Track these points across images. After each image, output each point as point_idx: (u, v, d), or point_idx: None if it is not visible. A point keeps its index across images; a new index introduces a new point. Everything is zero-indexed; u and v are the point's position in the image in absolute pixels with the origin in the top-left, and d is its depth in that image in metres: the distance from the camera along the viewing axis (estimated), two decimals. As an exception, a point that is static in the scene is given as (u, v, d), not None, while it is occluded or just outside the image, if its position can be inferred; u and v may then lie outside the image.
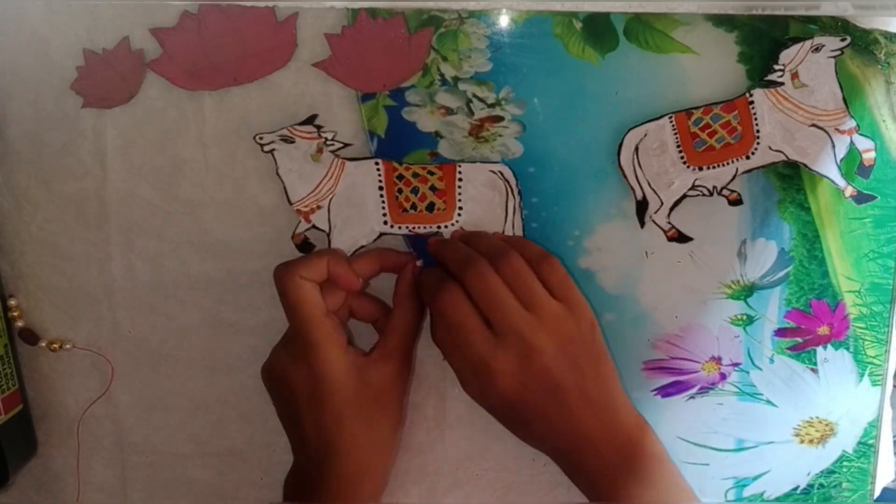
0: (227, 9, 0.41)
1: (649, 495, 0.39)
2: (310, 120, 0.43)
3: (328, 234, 0.44)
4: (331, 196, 0.43)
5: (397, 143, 0.43)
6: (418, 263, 0.43)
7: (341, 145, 0.43)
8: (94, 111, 0.43)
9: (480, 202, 0.44)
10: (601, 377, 0.40)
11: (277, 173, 0.43)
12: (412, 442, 0.46)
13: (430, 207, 0.44)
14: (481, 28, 0.42)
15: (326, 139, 0.43)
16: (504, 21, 0.42)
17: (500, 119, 0.43)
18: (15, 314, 0.45)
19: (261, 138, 0.43)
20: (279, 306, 0.43)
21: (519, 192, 0.43)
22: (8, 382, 0.44)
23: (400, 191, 0.44)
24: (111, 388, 0.46)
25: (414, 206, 0.44)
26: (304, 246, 0.44)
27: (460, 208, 0.44)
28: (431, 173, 0.43)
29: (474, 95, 0.43)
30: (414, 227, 0.44)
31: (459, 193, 0.43)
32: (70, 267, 0.45)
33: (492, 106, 0.43)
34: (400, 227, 0.44)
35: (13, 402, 0.45)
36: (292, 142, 0.43)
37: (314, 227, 0.44)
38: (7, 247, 0.45)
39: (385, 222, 0.44)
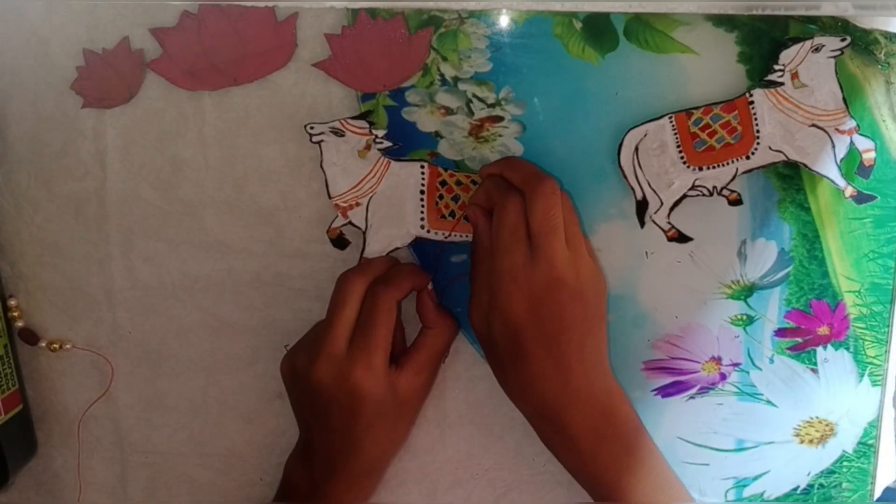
0: (227, 9, 0.41)
1: (630, 462, 0.40)
2: (364, 115, 0.42)
3: (364, 232, 0.43)
4: (371, 194, 0.43)
5: (397, 142, 0.43)
6: (430, 288, 0.43)
7: (390, 144, 0.43)
8: (94, 111, 0.43)
9: None
10: (598, 338, 0.41)
11: (321, 165, 0.43)
12: (412, 442, 0.46)
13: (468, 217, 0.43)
14: (481, 28, 0.42)
15: (376, 136, 0.43)
16: (504, 21, 0.42)
17: (500, 119, 0.43)
18: (15, 314, 0.45)
19: (311, 128, 0.42)
20: (279, 306, 0.43)
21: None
22: (8, 382, 0.44)
23: (441, 196, 0.43)
24: (111, 389, 0.46)
25: (452, 214, 0.43)
26: (339, 241, 0.44)
27: None
28: (475, 183, 0.43)
29: (474, 95, 0.43)
30: (449, 235, 0.44)
31: None
32: (70, 267, 0.45)
33: (492, 106, 0.43)
34: (436, 233, 0.44)
35: (13, 402, 0.45)
36: (342, 135, 0.42)
37: (350, 223, 0.43)
38: (7, 247, 0.45)
39: (422, 227, 0.44)
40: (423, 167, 0.43)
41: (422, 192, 0.43)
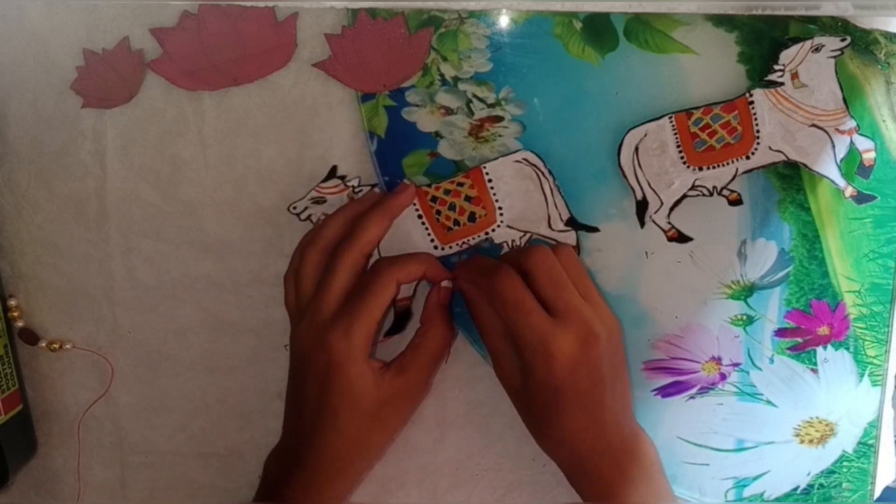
0: (227, 9, 0.41)
1: (652, 498, 0.40)
2: (331, 174, 0.43)
3: None
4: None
5: (397, 143, 0.43)
6: (445, 284, 0.43)
7: (369, 188, 0.43)
8: (94, 111, 0.43)
9: (517, 195, 0.43)
10: (623, 383, 0.42)
11: None
12: (412, 442, 0.46)
13: (472, 217, 0.43)
14: (481, 28, 0.42)
15: (353, 188, 0.43)
16: (504, 21, 0.42)
17: (500, 119, 0.43)
18: (15, 314, 0.45)
19: (294, 208, 0.43)
20: (279, 306, 0.43)
21: (550, 172, 0.43)
22: (8, 382, 0.44)
23: (438, 212, 0.43)
24: (111, 389, 0.46)
25: (457, 222, 0.43)
26: None
27: (500, 208, 0.43)
28: (461, 184, 0.43)
29: (474, 95, 0.43)
30: (464, 242, 0.44)
31: (494, 194, 0.43)
32: (70, 267, 0.45)
33: (492, 106, 0.43)
34: (451, 247, 0.44)
35: (13, 402, 0.45)
36: (324, 201, 0.43)
37: None
38: (7, 247, 0.45)
39: (435, 247, 0.43)
40: None
41: (419, 216, 0.43)
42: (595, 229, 0.44)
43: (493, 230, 0.44)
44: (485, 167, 0.43)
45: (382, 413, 0.40)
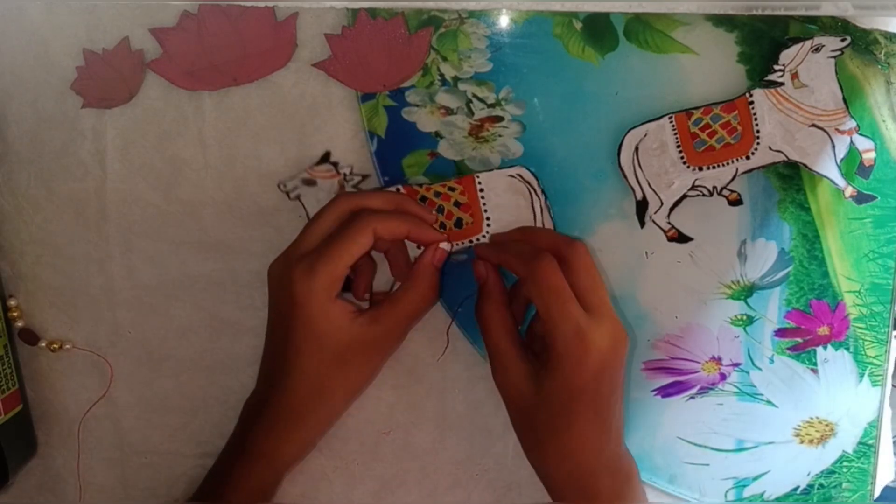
0: (227, 9, 0.41)
1: None
2: (325, 158, 0.43)
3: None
4: None
5: (397, 143, 0.43)
6: (444, 246, 0.42)
7: (360, 178, 0.43)
8: (94, 111, 0.43)
9: (507, 209, 0.43)
10: (621, 401, 0.41)
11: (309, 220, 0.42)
12: (412, 442, 0.47)
13: (459, 223, 0.43)
14: (481, 28, 0.42)
15: (345, 175, 0.43)
16: (504, 21, 0.42)
17: (500, 119, 0.43)
18: (15, 314, 0.45)
19: (284, 185, 0.43)
20: (279, 306, 0.43)
21: (542, 192, 0.43)
22: (8, 382, 0.44)
23: None
24: (111, 389, 0.46)
25: (443, 226, 0.43)
26: (348, 283, 0.44)
27: (488, 219, 0.43)
28: (452, 189, 0.43)
29: (474, 95, 0.43)
30: (452, 247, 0.43)
31: (484, 204, 0.43)
32: (70, 267, 0.45)
33: (492, 106, 0.43)
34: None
35: (13, 402, 0.45)
36: (314, 184, 0.43)
37: None
38: (7, 247, 0.45)
39: (418, 247, 0.43)
40: (398, 190, 0.43)
41: None
42: None
43: (479, 239, 0.43)
44: (478, 177, 0.43)
45: (346, 356, 0.40)
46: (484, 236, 0.43)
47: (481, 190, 0.43)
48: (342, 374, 0.40)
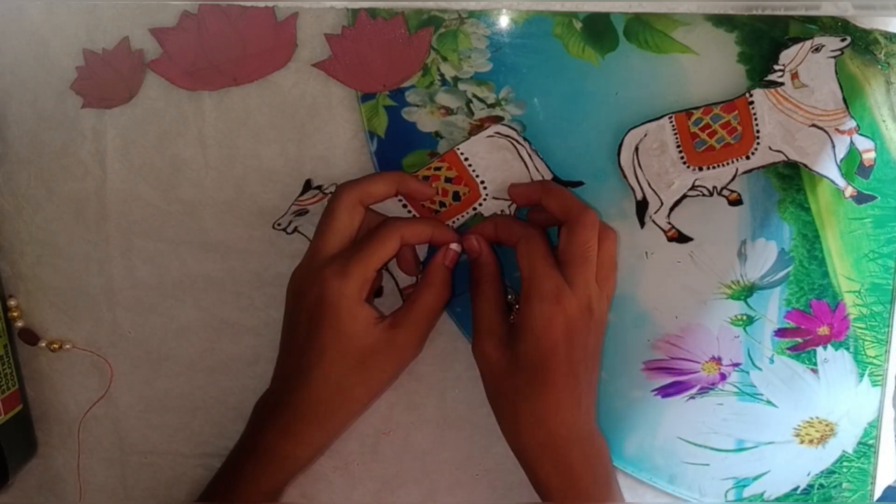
0: (227, 9, 0.41)
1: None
2: (307, 186, 0.43)
3: (387, 269, 0.44)
4: None
5: (397, 143, 0.43)
6: (454, 247, 0.42)
7: None
8: (94, 111, 0.43)
9: (497, 167, 0.43)
10: (596, 378, 0.43)
11: None
12: (412, 442, 0.47)
13: (456, 196, 0.43)
14: (481, 28, 0.42)
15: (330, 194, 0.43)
16: (504, 21, 0.42)
17: (500, 119, 0.43)
18: (15, 314, 0.45)
19: (279, 224, 0.43)
20: (279, 306, 0.43)
21: (525, 139, 0.43)
22: (8, 382, 0.44)
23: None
24: (111, 389, 0.46)
25: (442, 204, 0.43)
26: (376, 292, 0.45)
27: (482, 182, 0.43)
28: (438, 168, 0.43)
29: (474, 95, 0.43)
30: (453, 222, 0.44)
31: (473, 171, 0.43)
32: (70, 267, 0.45)
33: (492, 106, 0.43)
34: None
35: (13, 402, 0.45)
36: (306, 212, 0.43)
37: None
38: (7, 247, 0.45)
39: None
40: None
41: (404, 205, 0.43)
42: (580, 183, 0.43)
43: (481, 204, 0.44)
44: (458, 148, 0.43)
45: (369, 362, 0.40)
46: (485, 199, 0.43)
47: (466, 159, 0.43)
48: (363, 378, 0.40)
